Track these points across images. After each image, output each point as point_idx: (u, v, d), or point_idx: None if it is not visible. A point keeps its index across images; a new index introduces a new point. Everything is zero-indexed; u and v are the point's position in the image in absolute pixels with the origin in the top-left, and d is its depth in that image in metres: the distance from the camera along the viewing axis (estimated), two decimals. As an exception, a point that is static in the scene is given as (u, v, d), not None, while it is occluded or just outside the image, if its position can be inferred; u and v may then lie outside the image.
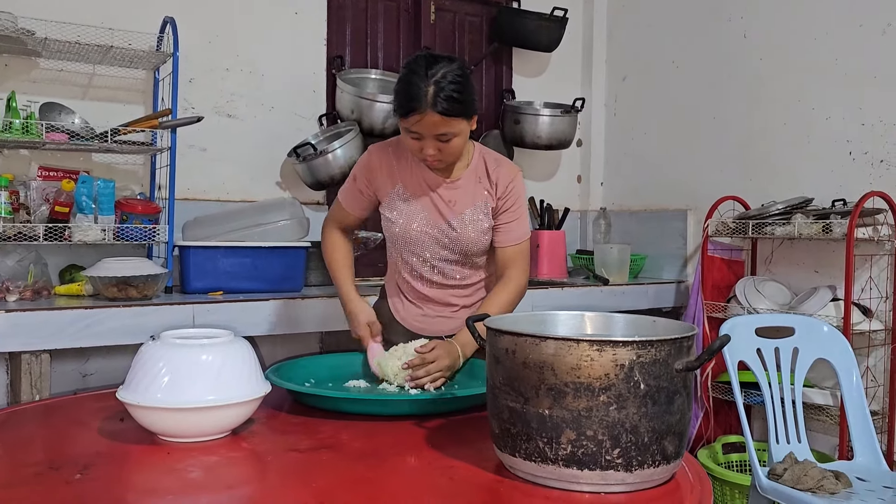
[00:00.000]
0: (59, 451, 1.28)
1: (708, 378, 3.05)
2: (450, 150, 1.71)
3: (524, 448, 1.08)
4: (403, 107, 1.66)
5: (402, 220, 1.84)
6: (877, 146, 2.83)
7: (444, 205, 1.82)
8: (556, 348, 1.05)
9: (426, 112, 1.63)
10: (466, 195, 1.82)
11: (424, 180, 1.83)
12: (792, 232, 2.80)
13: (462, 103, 1.65)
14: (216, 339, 1.31)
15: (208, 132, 2.91)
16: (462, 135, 1.70)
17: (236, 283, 2.60)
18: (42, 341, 2.11)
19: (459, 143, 1.71)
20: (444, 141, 1.68)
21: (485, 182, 1.82)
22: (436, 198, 1.82)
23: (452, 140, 1.69)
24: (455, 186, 1.82)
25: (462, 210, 1.81)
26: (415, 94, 1.63)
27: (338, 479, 1.14)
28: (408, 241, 1.85)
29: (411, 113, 1.64)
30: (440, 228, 1.82)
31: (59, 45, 2.49)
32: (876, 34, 2.82)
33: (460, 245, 1.82)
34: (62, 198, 2.41)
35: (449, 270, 1.87)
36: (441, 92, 1.62)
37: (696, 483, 1.13)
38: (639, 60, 3.82)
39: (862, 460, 2.18)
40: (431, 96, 1.62)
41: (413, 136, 1.69)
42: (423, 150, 1.70)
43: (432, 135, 1.67)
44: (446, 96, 1.62)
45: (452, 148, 1.70)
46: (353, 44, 3.41)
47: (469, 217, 1.81)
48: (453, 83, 1.63)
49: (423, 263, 1.88)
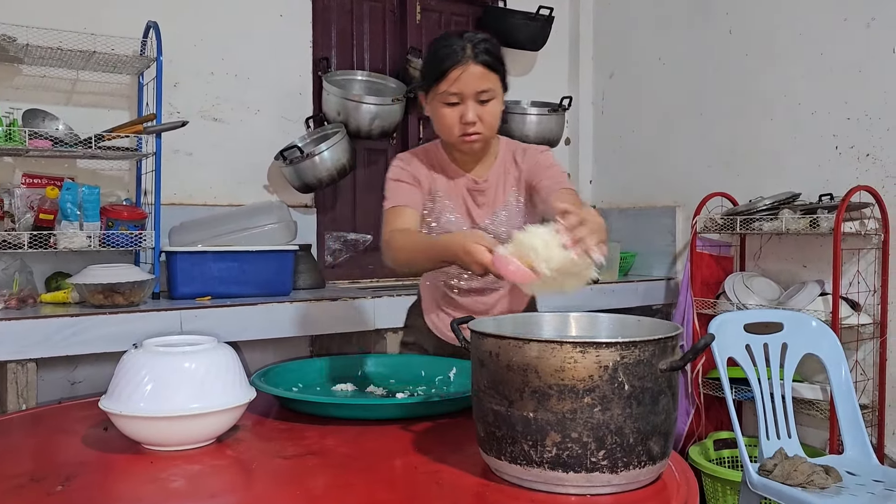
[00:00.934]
0: (42, 461, 1.27)
1: (699, 374, 3.05)
2: (489, 119, 1.62)
3: (509, 451, 1.08)
4: (441, 66, 1.59)
5: (435, 225, 1.75)
6: (863, 140, 2.83)
7: (477, 207, 1.75)
8: (540, 350, 1.05)
9: (468, 64, 1.58)
10: (497, 190, 1.75)
11: (457, 181, 1.75)
12: (779, 227, 2.81)
13: (500, 63, 1.62)
14: (199, 346, 1.30)
15: (194, 136, 2.89)
16: (498, 99, 1.63)
17: (224, 287, 2.59)
18: (28, 350, 2.09)
19: (497, 110, 1.64)
20: (485, 102, 1.61)
21: (513, 171, 1.75)
22: (469, 200, 1.75)
23: (490, 104, 1.61)
24: (485, 187, 1.74)
25: (496, 207, 1.74)
26: (452, 52, 1.59)
27: (324, 485, 1.13)
28: None
29: (452, 68, 1.58)
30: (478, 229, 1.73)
31: (42, 51, 2.48)
32: (860, 28, 2.83)
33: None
34: (47, 205, 2.39)
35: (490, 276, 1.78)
36: (479, 46, 1.59)
37: (682, 483, 1.13)
38: (625, 58, 3.82)
39: (852, 454, 2.19)
40: (471, 49, 1.59)
41: (452, 100, 1.61)
42: (464, 117, 1.61)
43: (473, 93, 1.59)
44: (485, 49, 1.60)
45: (491, 115, 1.63)
46: (339, 45, 3.40)
47: (503, 212, 1.74)
48: (488, 41, 1.62)
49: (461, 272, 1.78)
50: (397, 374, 1.77)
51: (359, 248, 3.39)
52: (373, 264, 3.47)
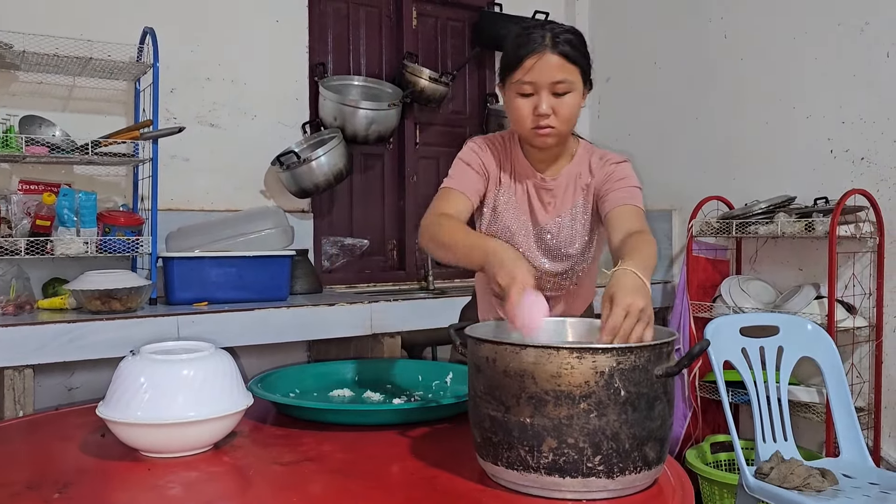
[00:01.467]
0: (38, 469, 1.27)
1: (695, 378, 3.06)
2: (564, 112, 1.53)
3: (506, 457, 1.08)
4: (517, 53, 1.52)
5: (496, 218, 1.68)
6: (857, 144, 2.85)
7: (542, 208, 1.67)
8: (536, 356, 1.05)
9: (545, 52, 1.50)
10: (566, 194, 1.66)
11: (525, 177, 1.66)
12: (775, 231, 2.82)
13: (582, 55, 1.54)
14: (196, 353, 1.30)
15: (191, 142, 2.90)
16: (577, 94, 1.54)
17: (221, 293, 2.59)
18: (26, 356, 2.09)
19: (574, 105, 1.54)
20: (560, 94, 1.52)
21: (585, 176, 1.65)
22: (534, 197, 1.67)
23: (567, 97, 1.52)
24: (553, 186, 1.66)
25: (560, 210, 1.66)
26: (530, 39, 1.52)
27: (321, 491, 1.14)
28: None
29: (528, 55, 1.51)
30: (536, 232, 1.68)
31: (38, 57, 2.48)
32: (854, 33, 2.85)
33: (559, 249, 1.67)
34: (43, 211, 2.39)
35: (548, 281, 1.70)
36: (559, 36, 1.51)
37: (677, 487, 1.14)
38: (621, 62, 3.83)
39: (848, 457, 2.19)
40: (550, 39, 1.51)
41: (526, 89, 1.53)
42: (537, 109, 1.52)
43: (548, 83, 1.51)
44: (565, 40, 1.52)
45: (567, 109, 1.53)
46: (335, 51, 3.40)
47: (566, 217, 1.66)
48: (571, 33, 1.54)
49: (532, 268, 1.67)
50: (394, 379, 1.77)
51: (356, 252, 3.40)
52: (369, 269, 3.47)
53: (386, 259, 3.56)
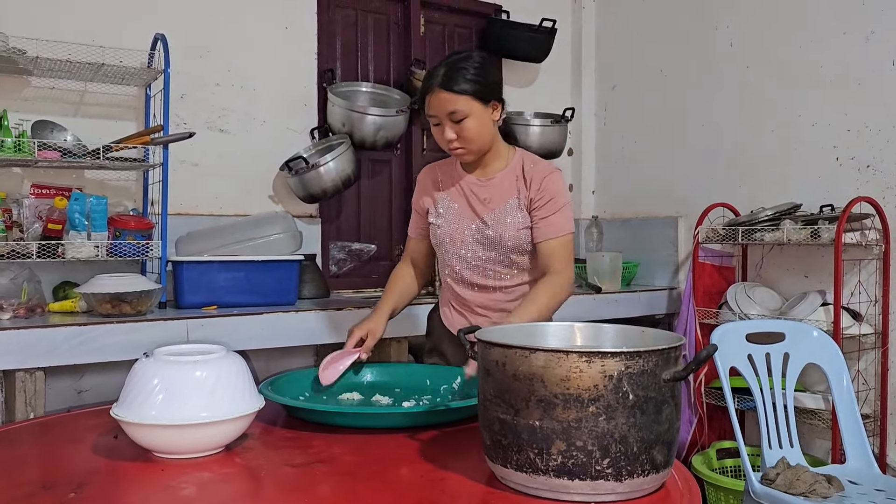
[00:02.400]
0: (52, 469, 1.28)
1: (701, 384, 3.06)
2: (467, 135, 1.76)
3: (515, 459, 1.09)
4: (422, 93, 1.79)
5: (442, 221, 1.92)
6: (863, 152, 2.86)
7: (480, 203, 1.88)
8: (546, 360, 1.07)
9: (435, 90, 1.75)
10: (501, 192, 1.87)
11: (462, 182, 1.92)
12: (781, 238, 2.83)
13: (470, 81, 1.74)
14: (210, 354, 1.32)
15: (200, 147, 2.92)
16: (475, 117, 1.76)
17: (230, 297, 2.61)
18: (36, 359, 2.11)
19: (474, 126, 1.77)
20: (458, 122, 1.75)
21: (520, 181, 1.87)
22: (472, 197, 1.89)
23: (465, 122, 1.75)
24: (490, 184, 1.88)
25: (496, 206, 1.86)
26: (428, 79, 1.77)
27: (331, 493, 1.15)
28: (448, 242, 1.91)
29: (426, 94, 1.77)
30: (476, 225, 1.88)
31: (51, 63, 2.51)
32: (860, 41, 2.86)
33: (496, 240, 1.86)
34: (55, 215, 2.42)
35: (490, 270, 1.90)
36: (450, 71, 1.74)
37: (685, 491, 1.15)
38: (628, 69, 3.85)
39: (854, 464, 2.19)
40: (441, 75, 1.75)
41: (434, 121, 1.79)
42: (444, 135, 1.78)
43: (445, 114, 1.75)
44: (454, 74, 1.73)
45: (468, 132, 1.76)
46: (344, 57, 3.43)
47: (501, 211, 1.85)
48: (464, 64, 1.75)
49: (464, 264, 1.91)
50: (403, 383, 1.79)
51: (363, 257, 3.42)
52: (377, 274, 3.48)
53: (393, 264, 3.52)
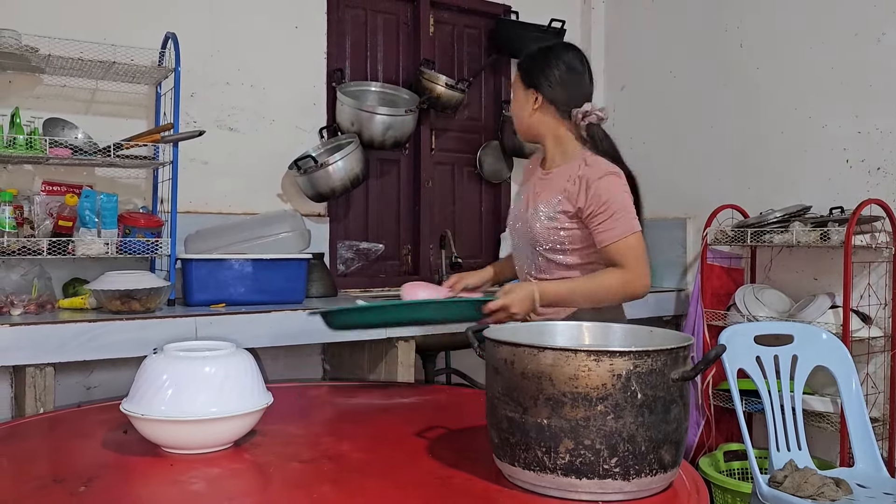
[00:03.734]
0: (62, 463, 1.29)
1: (709, 386, 3.06)
2: (511, 109, 1.98)
3: (523, 457, 1.10)
4: None
5: (511, 208, 2.04)
6: (873, 154, 2.84)
7: (534, 195, 1.93)
8: (554, 359, 1.07)
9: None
10: (552, 187, 1.88)
11: (535, 173, 1.99)
12: (790, 240, 2.82)
13: (521, 69, 1.91)
14: (219, 351, 1.33)
15: (210, 146, 2.93)
16: (517, 96, 1.93)
17: (239, 295, 2.62)
18: (46, 354, 2.12)
19: (515, 105, 1.95)
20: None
21: (571, 181, 1.83)
22: (532, 188, 1.95)
23: (512, 103, 1.96)
24: (548, 178, 1.92)
25: (542, 200, 1.88)
26: None
27: (338, 489, 1.15)
28: (509, 229, 2.03)
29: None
30: (523, 218, 1.94)
31: (63, 61, 2.52)
32: (871, 43, 2.85)
33: (530, 235, 1.90)
34: (65, 212, 2.43)
35: (534, 263, 1.93)
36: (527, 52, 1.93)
37: (692, 491, 1.15)
38: (636, 70, 3.84)
39: (862, 467, 2.19)
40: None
41: None
42: None
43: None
44: (525, 55, 1.92)
45: (511, 107, 1.98)
46: (353, 57, 3.44)
47: (544, 205, 1.87)
48: (537, 50, 1.90)
49: (516, 253, 2.01)
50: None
51: (371, 257, 3.42)
52: (384, 273, 3.49)
53: (401, 264, 3.58)
